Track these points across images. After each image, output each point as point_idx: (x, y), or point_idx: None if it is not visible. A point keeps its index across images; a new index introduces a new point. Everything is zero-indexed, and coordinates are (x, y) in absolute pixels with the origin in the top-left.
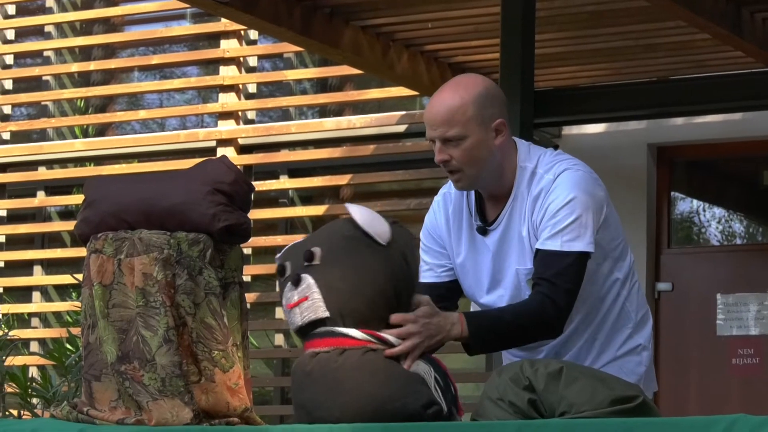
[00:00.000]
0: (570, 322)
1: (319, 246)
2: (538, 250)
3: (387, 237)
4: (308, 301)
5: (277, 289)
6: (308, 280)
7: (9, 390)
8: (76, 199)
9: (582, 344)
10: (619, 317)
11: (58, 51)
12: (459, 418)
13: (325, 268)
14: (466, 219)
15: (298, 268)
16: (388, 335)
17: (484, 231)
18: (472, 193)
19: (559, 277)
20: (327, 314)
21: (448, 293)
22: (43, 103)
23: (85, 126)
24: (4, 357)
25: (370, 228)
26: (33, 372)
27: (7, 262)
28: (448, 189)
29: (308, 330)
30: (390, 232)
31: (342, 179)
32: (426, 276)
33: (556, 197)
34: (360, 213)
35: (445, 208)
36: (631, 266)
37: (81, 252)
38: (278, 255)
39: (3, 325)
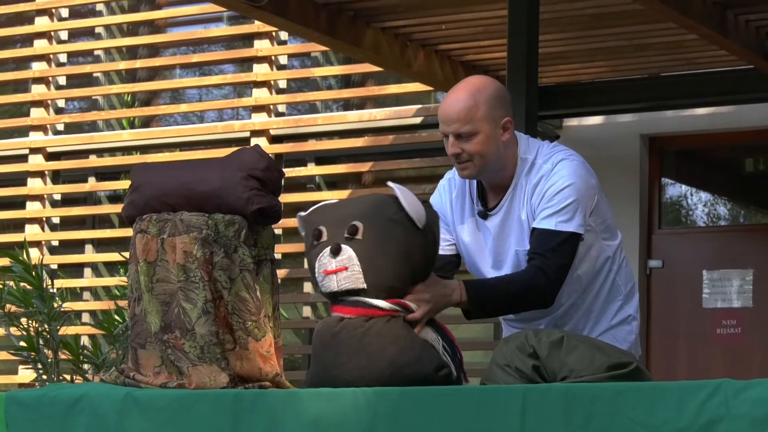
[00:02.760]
0: (568, 296)
1: (362, 221)
2: (534, 229)
3: (424, 221)
4: (348, 271)
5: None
6: (349, 252)
7: (63, 357)
8: (124, 184)
9: (579, 316)
10: (611, 291)
11: (107, 50)
12: (465, 381)
13: (367, 244)
14: (468, 204)
15: (338, 238)
16: (409, 303)
17: (485, 215)
18: (475, 180)
19: (552, 253)
20: (364, 286)
21: (448, 265)
22: (93, 97)
23: (131, 118)
24: (58, 327)
25: (413, 213)
26: (84, 341)
27: (61, 241)
28: (453, 175)
29: (339, 295)
30: (426, 216)
31: (364, 166)
32: None
33: (553, 183)
34: (405, 196)
35: (449, 192)
36: (620, 244)
37: (128, 232)
38: (304, 213)
39: (57, 298)
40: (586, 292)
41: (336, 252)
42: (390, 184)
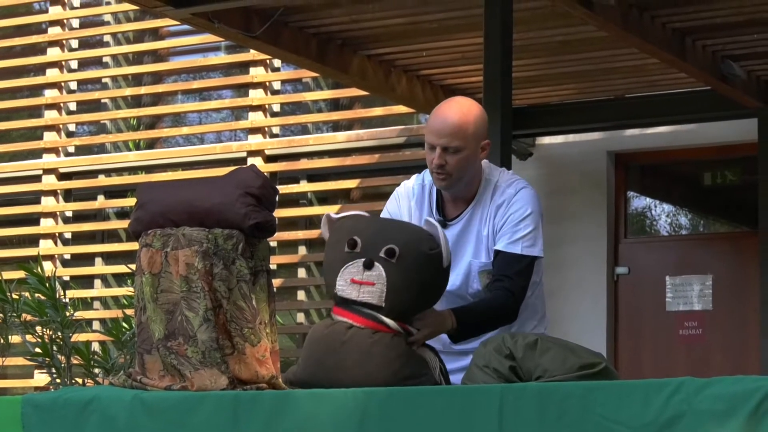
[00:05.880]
0: None
1: (399, 246)
2: (500, 252)
3: (449, 261)
4: (374, 287)
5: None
6: (380, 270)
7: (75, 362)
8: (131, 201)
9: (501, 330)
10: (530, 311)
11: (114, 78)
12: None
13: (398, 269)
14: (426, 212)
15: (372, 254)
16: (411, 328)
17: (444, 224)
18: (435, 190)
19: (518, 276)
20: (383, 305)
21: None
22: (102, 121)
23: (137, 140)
24: (70, 334)
25: (445, 253)
26: (95, 347)
27: (73, 255)
28: (412, 184)
29: (353, 303)
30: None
31: (352, 183)
32: None
33: (517, 209)
34: (442, 237)
35: (408, 199)
36: (541, 273)
37: (134, 246)
38: (334, 215)
39: (70, 308)
40: None
41: (369, 266)
42: (430, 219)
